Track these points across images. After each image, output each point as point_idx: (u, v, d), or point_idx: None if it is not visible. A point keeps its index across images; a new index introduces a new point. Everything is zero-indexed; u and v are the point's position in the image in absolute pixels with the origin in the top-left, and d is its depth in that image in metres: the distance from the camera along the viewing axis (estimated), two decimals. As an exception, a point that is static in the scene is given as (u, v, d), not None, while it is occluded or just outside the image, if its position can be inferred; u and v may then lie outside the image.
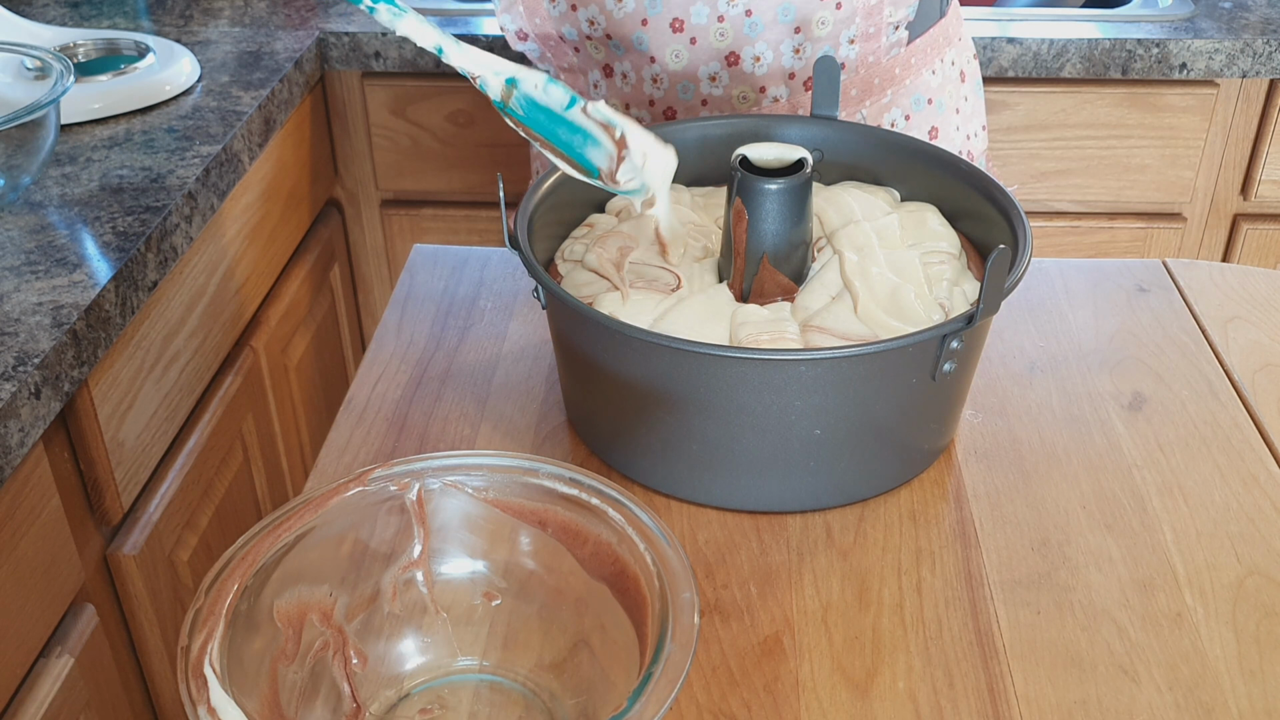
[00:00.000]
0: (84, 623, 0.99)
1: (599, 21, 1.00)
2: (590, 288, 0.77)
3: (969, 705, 0.63)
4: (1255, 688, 0.64)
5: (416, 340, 0.91)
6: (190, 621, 0.54)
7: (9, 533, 0.88)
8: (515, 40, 1.06)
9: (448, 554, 0.64)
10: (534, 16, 1.03)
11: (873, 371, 0.69)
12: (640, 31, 1.00)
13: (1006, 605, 0.69)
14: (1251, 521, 0.74)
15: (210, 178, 1.18)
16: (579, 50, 1.04)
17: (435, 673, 0.64)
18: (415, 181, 1.61)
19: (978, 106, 1.14)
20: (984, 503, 0.76)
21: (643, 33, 1.00)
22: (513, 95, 0.73)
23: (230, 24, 1.52)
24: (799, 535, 0.73)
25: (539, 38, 1.05)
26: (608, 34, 1.01)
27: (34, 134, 1.05)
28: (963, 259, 0.81)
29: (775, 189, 0.74)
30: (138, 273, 1.03)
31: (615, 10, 0.99)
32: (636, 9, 0.99)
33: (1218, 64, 1.45)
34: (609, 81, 1.06)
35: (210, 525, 1.21)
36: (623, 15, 0.99)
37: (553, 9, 1.02)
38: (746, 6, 0.98)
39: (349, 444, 0.81)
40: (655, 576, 0.56)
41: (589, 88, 1.07)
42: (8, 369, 0.88)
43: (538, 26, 1.04)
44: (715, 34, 1.00)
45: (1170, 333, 0.91)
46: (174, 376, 1.15)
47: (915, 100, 1.07)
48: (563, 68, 1.08)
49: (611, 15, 1.00)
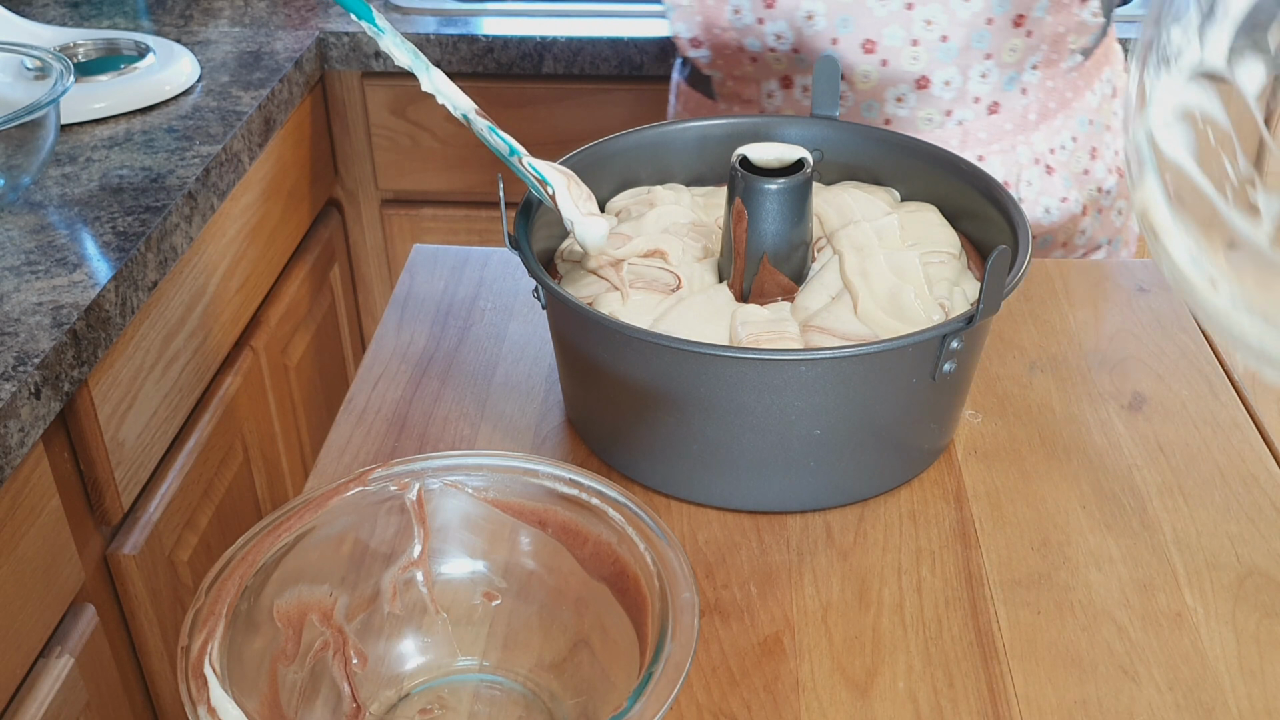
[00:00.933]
0: (84, 623, 0.99)
1: (786, 36, 1.00)
2: (590, 288, 0.77)
3: (969, 705, 0.63)
4: (1255, 688, 0.64)
5: (416, 340, 0.91)
6: (190, 621, 0.54)
7: (9, 533, 0.88)
8: (688, 47, 1.06)
9: (448, 554, 0.64)
10: (713, 27, 1.03)
11: (873, 371, 0.69)
12: (830, 50, 1.00)
13: (1006, 605, 0.69)
14: (1251, 521, 0.74)
15: (210, 178, 1.18)
16: (756, 60, 1.04)
17: (435, 673, 0.64)
18: (415, 181, 1.61)
19: None
20: (984, 503, 0.76)
21: (832, 51, 1.00)
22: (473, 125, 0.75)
23: (230, 24, 1.52)
24: (799, 535, 0.73)
25: (715, 46, 1.05)
26: (795, 49, 1.01)
27: (34, 134, 1.05)
28: (963, 259, 0.81)
29: (775, 189, 0.74)
30: (138, 273, 1.03)
31: (805, 27, 0.99)
32: (827, 28, 0.98)
33: (1218, 64, 1.45)
34: (786, 93, 1.06)
35: (210, 525, 1.21)
36: (812, 33, 0.99)
37: (737, 20, 1.01)
38: (942, 32, 0.99)
39: (349, 444, 0.81)
40: (655, 576, 0.56)
41: (763, 97, 1.07)
42: (8, 369, 0.88)
43: (716, 36, 1.03)
44: (908, 57, 1.00)
45: (1170, 333, 0.91)
46: (174, 376, 1.15)
47: (1080, 122, 1.09)
48: (734, 75, 1.08)
49: (801, 31, 0.99)
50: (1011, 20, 0.99)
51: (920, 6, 0.98)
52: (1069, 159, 1.09)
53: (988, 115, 1.05)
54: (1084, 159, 1.11)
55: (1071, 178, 1.10)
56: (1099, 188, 1.13)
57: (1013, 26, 1.00)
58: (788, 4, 0.98)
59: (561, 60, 1.48)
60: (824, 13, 0.98)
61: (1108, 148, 1.13)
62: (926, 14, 0.98)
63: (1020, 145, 1.07)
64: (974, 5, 0.98)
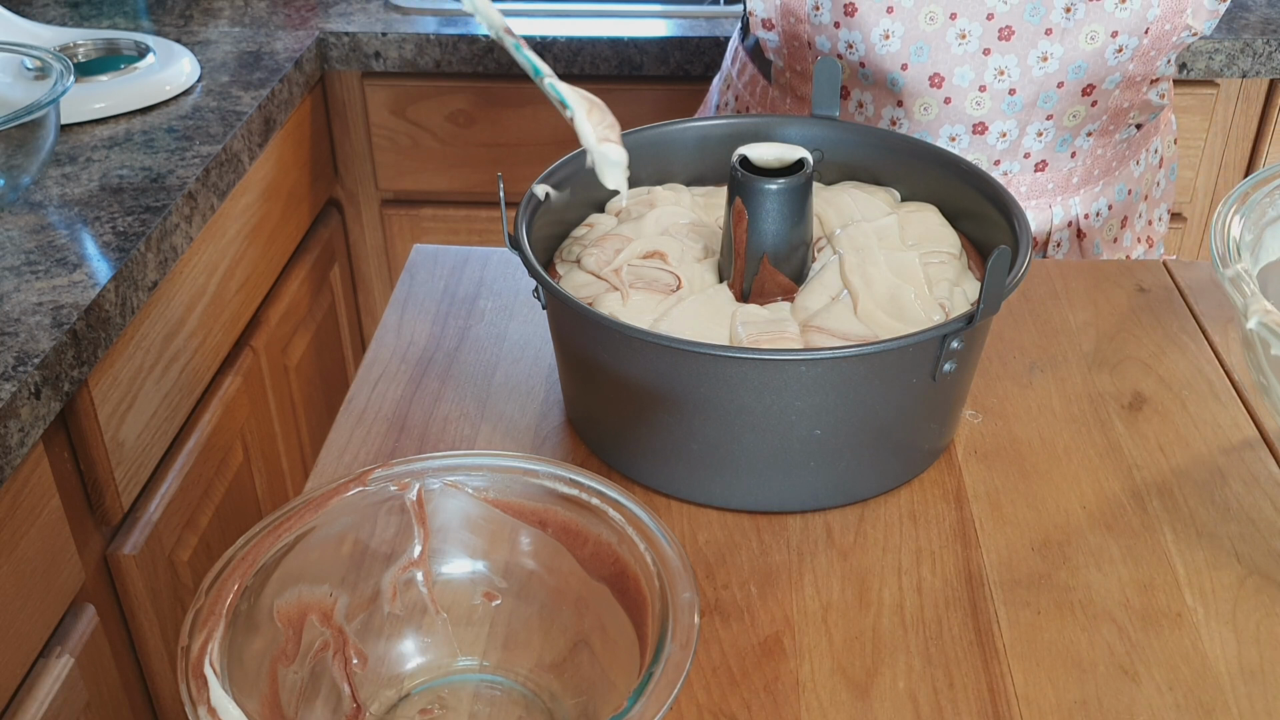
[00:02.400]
0: (84, 623, 0.99)
1: (858, 47, 0.99)
2: (590, 288, 0.77)
3: (969, 705, 0.63)
4: (1255, 688, 0.64)
5: (416, 340, 0.91)
6: (190, 621, 0.54)
7: (9, 533, 0.88)
8: (760, 27, 1.04)
9: (448, 554, 0.64)
10: (790, 15, 1.01)
11: (873, 371, 0.69)
12: (897, 74, 0.99)
13: (1006, 605, 0.69)
14: (1251, 521, 0.74)
15: (210, 178, 1.18)
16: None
17: (435, 673, 0.64)
18: (415, 181, 1.61)
19: (1169, 191, 1.15)
20: (984, 503, 0.76)
21: (899, 75, 0.99)
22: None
23: (230, 24, 1.52)
24: (799, 535, 0.73)
25: (786, 34, 1.03)
26: (862, 62, 1.00)
27: (34, 134, 1.05)
28: (963, 259, 0.81)
29: (775, 189, 0.74)
30: (138, 273, 1.03)
31: (879, 45, 0.98)
32: (900, 51, 0.98)
33: (1218, 64, 1.45)
34: (843, 104, 1.04)
35: (210, 525, 1.21)
36: (885, 52, 0.98)
37: (815, 16, 1.00)
38: (1012, 85, 0.98)
39: (349, 444, 0.81)
40: (655, 576, 0.56)
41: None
42: (8, 369, 0.88)
43: (790, 25, 1.02)
44: (972, 101, 1.00)
45: (1170, 333, 0.91)
46: (174, 376, 1.15)
47: (1119, 190, 1.09)
48: (794, 69, 1.06)
49: (874, 48, 0.98)
50: (1081, 88, 0.99)
51: (997, 55, 0.97)
52: (1101, 226, 1.09)
53: (1034, 172, 1.05)
54: (1115, 227, 1.11)
55: (1101, 244, 1.10)
56: (1126, 256, 1.13)
57: (1081, 94, 0.99)
58: (869, 18, 0.97)
59: (561, 60, 1.48)
60: (901, 35, 0.97)
61: (1140, 218, 1.13)
62: (1001, 64, 0.97)
63: (1057, 205, 1.07)
64: (1049, 66, 0.97)
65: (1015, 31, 0.95)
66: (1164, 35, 0.97)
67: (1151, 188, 1.12)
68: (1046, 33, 0.95)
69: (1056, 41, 0.96)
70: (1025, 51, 0.96)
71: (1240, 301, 0.65)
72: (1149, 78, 1.00)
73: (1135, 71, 0.99)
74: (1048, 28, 0.95)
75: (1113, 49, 0.97)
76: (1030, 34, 0.96)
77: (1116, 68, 0.98)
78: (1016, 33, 0.96)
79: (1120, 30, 0.96)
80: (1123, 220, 1.10)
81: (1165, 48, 0.98)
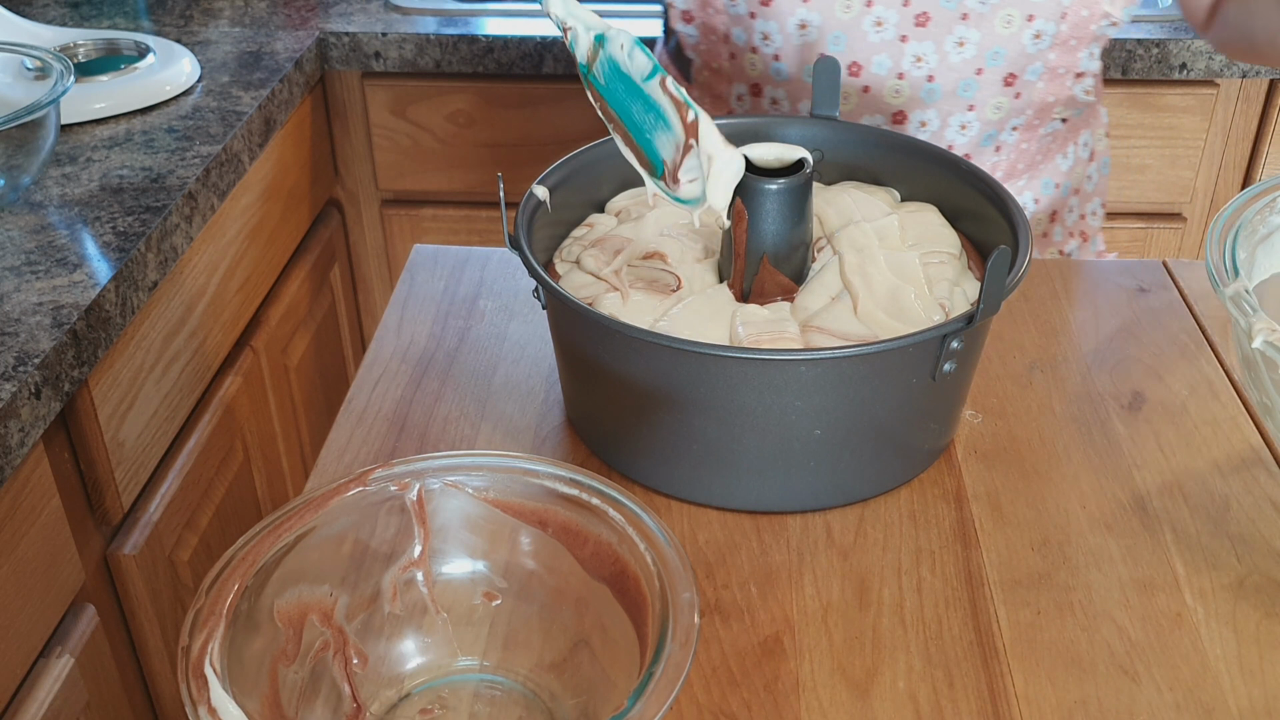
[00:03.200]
0: (84, 623, 0.99)
1: (774, 39, 0.98)
2: (590, 288, 0.77)
3: (969, 705, 0.63)
4: (1255, 688, 0.64)
5: (416, 340, 0.91)
6: (190, 621, 0.54)
7: (9, 533, 0.88)
8: (679, 20, 1.03)
9: (448, 554, 0.64)
10: (707, 7, 1.00)
11: (873, 371, 0.69)
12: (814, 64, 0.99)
13: (1006, 605, 0.69)
14: (1251, 521, 0.74)
15: (210, 178, 1.18)
16: (735, 58, 1.02)
17: (435, 673, 0.64)
18: (415, 181, 1.61)
19: (1102, 185, 1.14)
20: (984, 503, 0.76)
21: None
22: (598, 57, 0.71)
23: (230, 24, 1.52)
24: (799, 535, 0.73)
25: (704, 28, 1.02)
26: (776, 55, 0.99)
27: (34, 134, 1.05)
28: (963, 259, 0.81)
29: (775, 189, 0.74)
30: (138, 273, 1.03)
31: (795, 35, 0.97)
32: (818, 40, 0.96)
33: (1218, 64, 1.45)
34: (754, 100, 1.03)
35: (210, 525, 1.21)
36: (801, 42, 0.97)
37: (731, 6, 0.99)
38: (930, 72, 0.97)
39: (349, 444, 0.81)
40: (655, 576, 0.56)
41: (732, 98, 1.05)
42: (8, 369, 0.88)
43: (709, 16, 1.01)
44: (891, 90, 0.99)
45: (1170, 333, 0.91)
46: (174, 376, 1.15)
47: (1045, 184, 1.08)
48: (710, 67, 1.05)
49: (790, 39, 0.97)
50: (1002, 77, 0.98)
51: (914, 42, 0.96)
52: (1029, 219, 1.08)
53: None
54: (1043, 221, 1.10)
55: None
56: (1059, 251, 1.13)
57: (1003, 84, 0.98)
58: (784, 7, 0.96)
59: (562, 60, 1.48)
60: (818, 25, 0.96)
61: (1071, 212, 1.11)
62: (919, 50, 0.96)
63: None
64: (966, 52, 0.96)
65: (931, 17, 0.95)
66: (1082, 22, 0.96)
67: (1082, 181, 1.11)
68: (963, 18, 0.95)
69: (973, 26, 0.95)
70: (942, 37, 0.96)
71: (1243, 321, 0.64)
72: (1072, 70, 0.99)
73: (1057, 62, 0.98)
74: (964, 12, 0.95)
75: (1030, 34, 0.96)
76: (946, 19, 0.95)
77: (1036, 56, 0.97)
78: (933, 18, 0.95)
79: (1036, 15, 0.95)
80: (1051, 215, 1.09)
81: (1085, 37, 0.97)
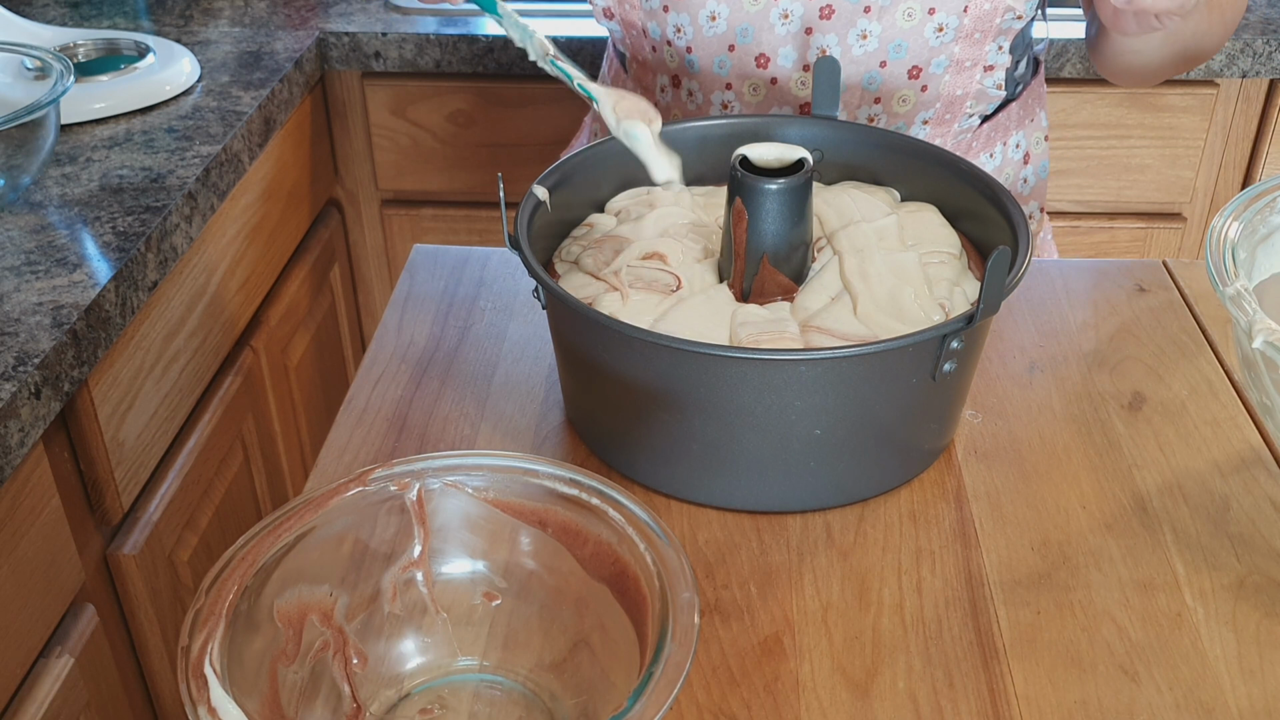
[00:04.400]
0: (84, 623, 0.99)
1: (686, 31, 0.98)
2: (590, 288, 0.77)
3: (969, 705, 0.63)
4: (1255, 688, 0.64)
5: (416, 340, 0.91)
6: (190, 621, 0.54)
7: (9, 533, 0.88)
8: (601, 16, 1.04)
9: (448, 554, 0.64)
10: (624, 3, 1.01)
11: (873, 371, 0.69)
12: (724, 55, 0.99)
13: (1006, 605, 0.69)
14: (1251, 521, 0.74)
15: (210, 178, 1.18)
16: (656, 50, 1.03)
17: (435, 673, 0.64)
18: (415, 181, 1.61)
19: (1039, 188, 1.13)
20: (984, 503, 0.76)
21: (726, 57, 0.99)
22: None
23: (230, 24, 1.52)
24: (799, 535, 0.73)
25: (624, 23, 1.03)
26: (689, 47, 0.99)
27: (34, 134, 1.05)
28: (963, 259, 0.81)
29: (775, 189, 0.74)
30: (138, 273, 1.03)
31: (706, 26, 0.97)
32: (727, 32, 0.97)
33: (1217, 64, 1.45)
34: (675, 91, 1.04)
35: (210, 525, 1.21)
36: (712, 34, 0.98)
37: (646, 1, 1.00)
38: None
39: (349, 444, 0.81)
40: (655, 576, 0.56)
41: (657, 90, 1.06)
42: (8, 369, 0.88)
43: (626, 12, 1.02)
44: (797, 82, 0.99)
45: (1170, 333, 0.91)
46: (174, 376, 1.15)
47: None
48: (637, 59, 1.06)
49: (701, 30, 0.98)
50: (907, 70, 0.98)
51: (819, 34, 0.96)
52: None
53: None
54: None
55: None
56: None
57: (908, 76, 0.98)
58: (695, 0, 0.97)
59: (561, 60, 1.48)
60: (726, 17, 0.96)
61: None
62: (823, 43, 0.96)
63: None
64: (869, 45, 0.96)
65: (835, 10, 0.95)
66: (985, 15, 0.96)
67: (1016, 184, 1.10)
68: (865, 10, 0.95)
69: (875, 19, 0.95)
70: (845, 30, 0.96)
71: (1244, 321, 0.64)
72: (980, 63, 0.99)
73: (962, 55, 0.98)
74: (866, 5, 0.95)
75: (932, 28, 0.96)
76: (850, 12, 0.95)
77: (940, 49, 0.97)
78: (837, 11, 0.95)
79: (938, 8, 0.95)
80: None
81: (990, 30, 0.97)
